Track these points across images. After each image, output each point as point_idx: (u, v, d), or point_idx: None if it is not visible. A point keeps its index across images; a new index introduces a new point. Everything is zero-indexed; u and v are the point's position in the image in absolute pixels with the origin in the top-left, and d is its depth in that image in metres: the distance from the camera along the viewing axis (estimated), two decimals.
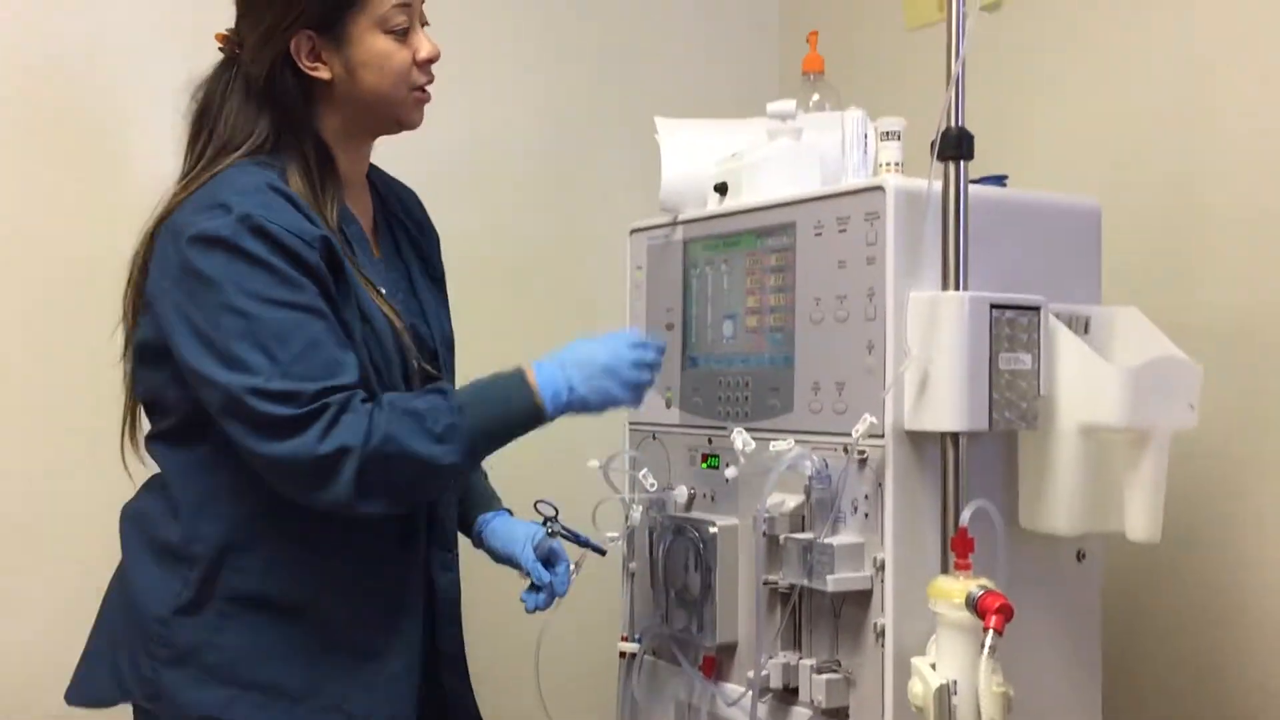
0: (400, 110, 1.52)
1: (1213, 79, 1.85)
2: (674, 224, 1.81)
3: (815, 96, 1.91)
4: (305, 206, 1.42)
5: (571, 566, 1.66)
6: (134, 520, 1.52)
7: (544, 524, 1.66)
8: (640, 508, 1.78)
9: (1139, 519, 1.46)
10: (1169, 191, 1.89)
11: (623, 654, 1.82)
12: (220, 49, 1.53)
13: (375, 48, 1.47)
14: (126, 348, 1.52)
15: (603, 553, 1.74)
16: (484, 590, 1.76)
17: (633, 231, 1.91)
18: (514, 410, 1.44)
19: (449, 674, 1.63)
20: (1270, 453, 1.75)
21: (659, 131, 1.81)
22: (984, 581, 1.31)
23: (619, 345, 1.50)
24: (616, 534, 1.78)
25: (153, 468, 1.53)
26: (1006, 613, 1.27)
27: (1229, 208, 1.82)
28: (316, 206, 1.45)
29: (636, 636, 1.82)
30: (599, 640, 2.00)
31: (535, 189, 2.35)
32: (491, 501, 1.75)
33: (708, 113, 1.91)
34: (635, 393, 1.50)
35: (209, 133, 1.49)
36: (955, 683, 1.31)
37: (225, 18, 1.55)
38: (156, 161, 1.82)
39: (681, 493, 1.76)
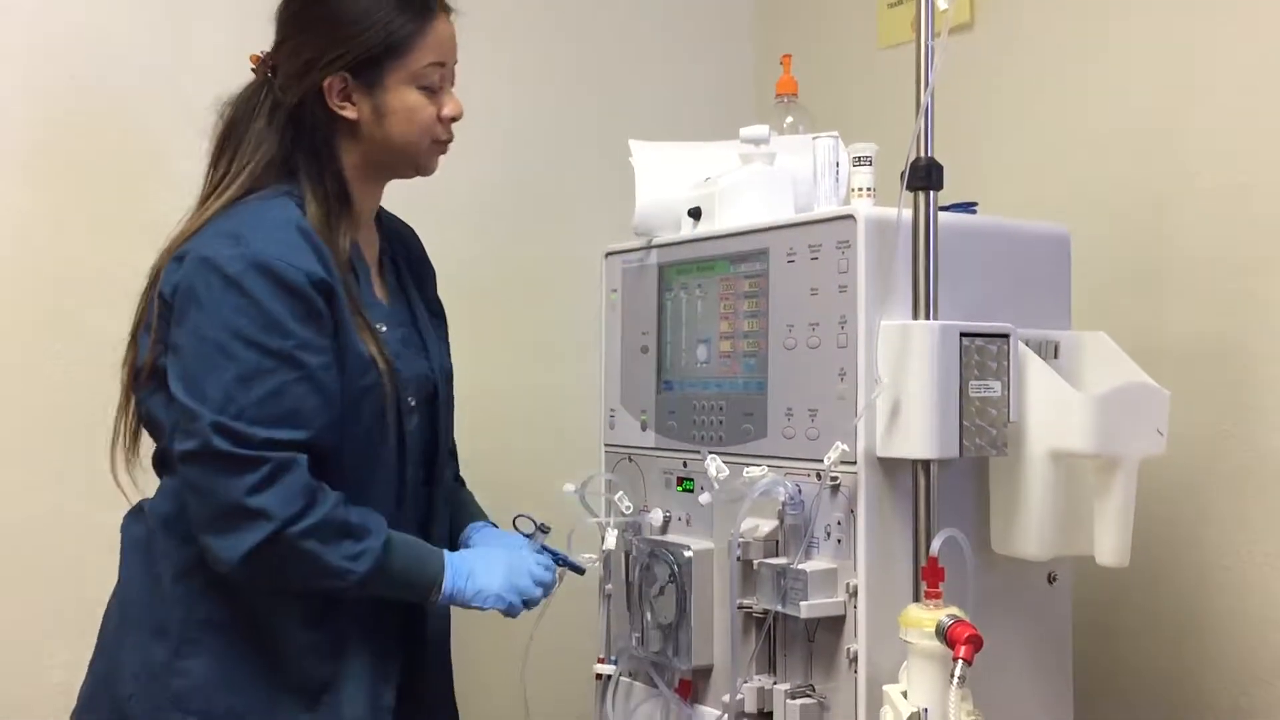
0: (419, 158, 1.60)
1: (1181, 103, 1.87)
2: (648, 248, 1.82)
3: (789, 119, 1.93)
4: (319, 243, 1.47)
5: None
6: (134, 546, 1.54)
7: (531, 536, 1.69)
8: (616, 531, 1.78)
9: (1108, 543, 1.47)
10: (1138, 216, 1.91)
11: (599, 676, 1.82)
12: (253, 70, 1.57)
13: (405, 100, 1.54)
14: (127, 365, 1.53)
15: (581, 572, 1.74)
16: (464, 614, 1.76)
17: (607, 254, 1.91)
18: (415, 583, 1.51)
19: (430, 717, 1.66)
20: (1237, 476, 1.77)
21: (633, 155, 1.82)
22: (954, 611, 1.32)
23: (524, 570, 1.58)
24: (593, 556, 1.79)
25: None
26: (976, 643, 1.28)
27: (1197, 232, 1.83)
28: (329, 239, 1.49)
29: (613, 658, 1.82)
30: (576, 662, 2.01)
31: (510, 212, 2.35)
32: (479, 516, 1.78)
33: (683, 135, 1.92)
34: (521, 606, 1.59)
35: (232, 154, 1.54)
36: (926, 711, 1.32)
37: (252, 41, 1.56)
38: (180, 179, 1.81)
39: (657, 516, 1.76)
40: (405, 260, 1.72)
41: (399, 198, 1.89)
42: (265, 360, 1.39)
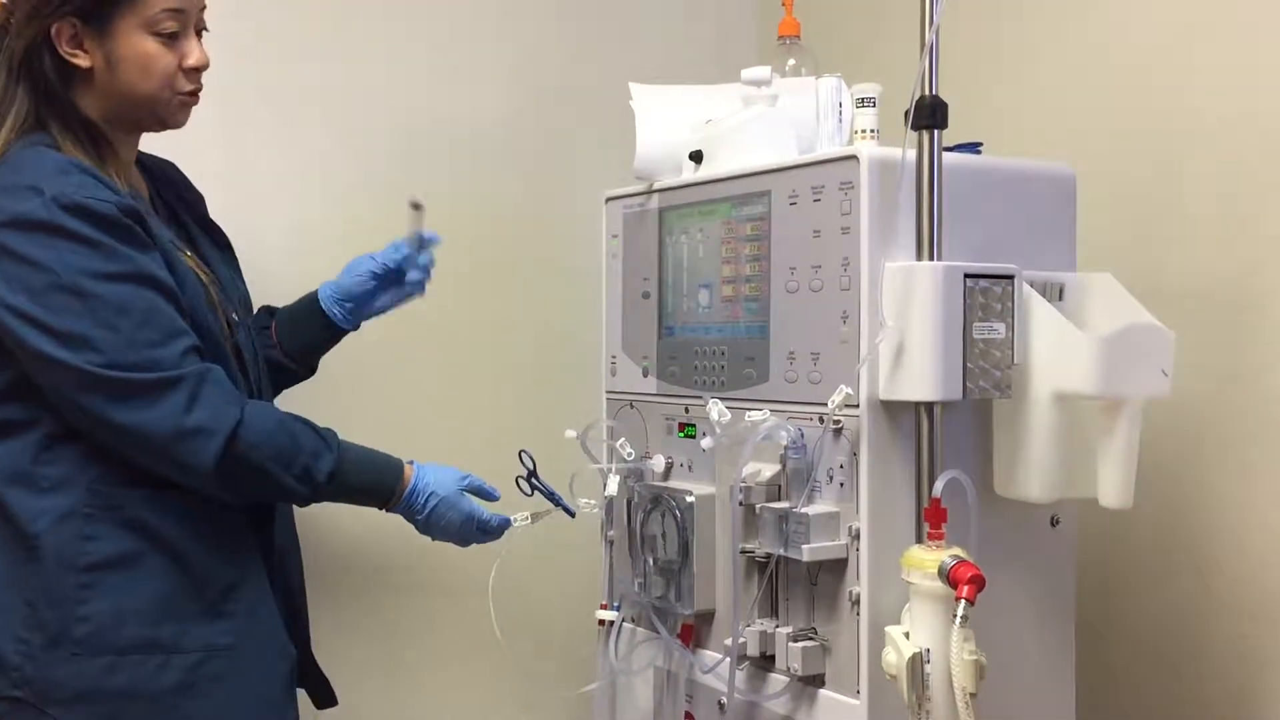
0: (163, 110, 1.51)
1: (1187, 43, 1.84)
2: (649, 192, 1.80)
3: (791, 61, 1.90)
4: (104, 179, 1.43)
5: (527, 519, 1.70)
6: None
7: (523, 476, 1.70)
8: (618, 477, 1.78)
9: (1112, 485, 1.47)
10: (1144, 157, 1.88)
11: (602, 621, 1.83)
12: None
13: (139, 48, 1.46)
14: None
15: (572, 514, 1.74)
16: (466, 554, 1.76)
17: (608, 199, 1.90)
18: (373, 492, 1.56)
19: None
20: (1242, 417, 1.76)
21: (634, 98, 1.80)
22: (957, 551, 1.32)
23: (473, 521, 1.61)
24: (594, 502, 1.79)
25: None
26: (978, 583, 1.28)
27: (1203, 173, 1.81)
28: (106, 176, 1.45)
29: (615, 604, 1.83)
30: (578, 608, 2.01)
31: (510, 155, 2.33)
32: None
33: (684, 78, 1.89)
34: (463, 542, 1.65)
35: None
36: (928, 651, 1.32)
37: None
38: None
39: (659, 462, 1.76)
40: (175, 198, 1.66)
41: (396, 140, 1.85)
42: (123, 287, 1.38)
